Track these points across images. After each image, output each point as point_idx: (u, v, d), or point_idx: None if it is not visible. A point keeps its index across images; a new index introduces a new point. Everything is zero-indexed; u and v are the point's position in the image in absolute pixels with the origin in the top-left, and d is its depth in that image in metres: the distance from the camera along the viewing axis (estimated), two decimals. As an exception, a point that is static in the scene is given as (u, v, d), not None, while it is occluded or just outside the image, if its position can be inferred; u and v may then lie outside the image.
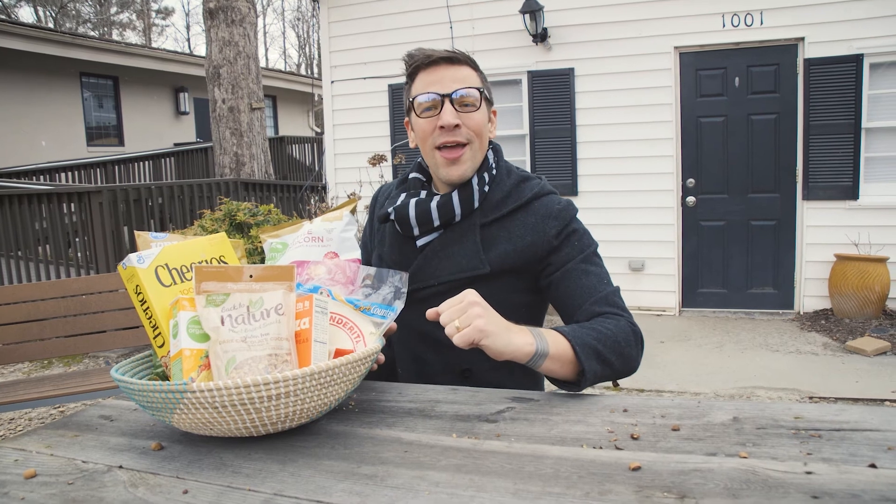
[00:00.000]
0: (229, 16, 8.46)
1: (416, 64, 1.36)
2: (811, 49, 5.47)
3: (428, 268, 1.39)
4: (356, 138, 6.96)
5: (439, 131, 1.32)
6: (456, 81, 1.33)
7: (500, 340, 1.10)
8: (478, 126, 1.35)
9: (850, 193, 5.50)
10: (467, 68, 1.37)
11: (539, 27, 6.02)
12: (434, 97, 1.32)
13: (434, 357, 1.41)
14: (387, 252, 1.47)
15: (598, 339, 1.20)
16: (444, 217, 1.37)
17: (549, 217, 1.36)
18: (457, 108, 1.32)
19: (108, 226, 6.11)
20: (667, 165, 5.95)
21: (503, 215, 1.38)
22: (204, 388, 0.89)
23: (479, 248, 1.35)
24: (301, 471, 0.88)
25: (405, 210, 1.38)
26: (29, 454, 1.00)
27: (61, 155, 11.88)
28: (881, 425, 0.92)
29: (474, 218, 1.38)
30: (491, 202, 1.39)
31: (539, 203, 1.39)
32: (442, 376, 1.40)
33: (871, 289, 5.21)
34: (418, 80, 1.37)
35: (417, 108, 1.35)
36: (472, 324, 1.08)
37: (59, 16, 24.58)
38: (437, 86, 1.33)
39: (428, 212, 1.36)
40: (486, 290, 1.27)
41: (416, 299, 1.35)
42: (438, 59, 1.34)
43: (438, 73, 1.34)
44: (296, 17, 33.46)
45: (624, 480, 0.79)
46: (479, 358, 1.34)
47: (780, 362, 4.47)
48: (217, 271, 1.02)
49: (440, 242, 1.39)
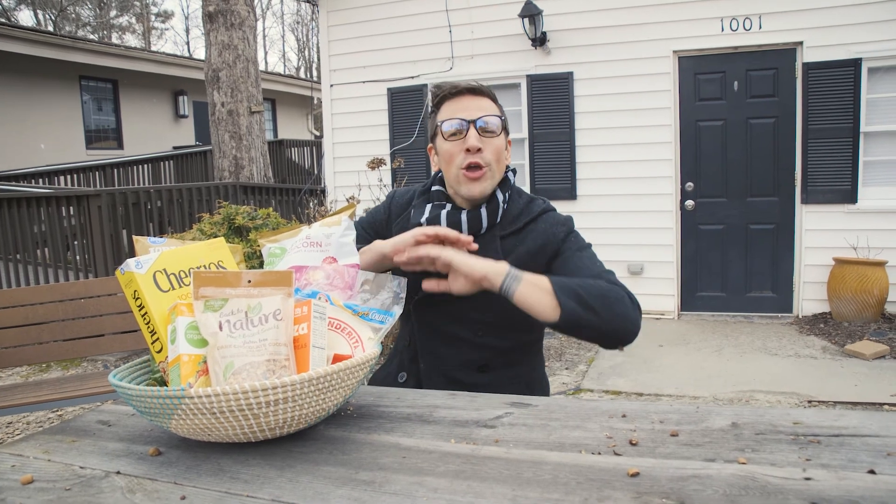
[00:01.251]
0: (228, 19, 8.48)
1: (444, 94, 1.52)
2: (810, 53, 5.48)
3: None
4: (355, 142, 6.96)
5: (465, 154, 1.46)
6: (480, 110, 1.48)
7: (472, 259, 1.32)
8: (497, 151, 1.50)
9: (849, 197, 5.50)
10: (488, 100, 1.52)
11: (538, 31, 6.03)
12: (461, 123, 1.47)
13: (454, 353, 1.53)
14: None
15: (580, 284, 1.34)
16: (472, 229, 1.50)
17: (556, 224, 1.53)
18: (480, 133, 1.47)
19: (107, 229, 6.10)
20: (666, 169, 5.96)
21: (518, 229, 1.53)
22: (202, 394, 0.89)
23: (501, 255, 1.47)
24: (299, 476, 0.88)
25: (437, 220, 1.52)
26: (26, 460, 1.00)
27: (60, 158, 11.88)
28: (880, 431, 0.92)
29: (495, 231, 1.53)
30: (508, 218, 1.54)
31: (546, 216, 1.55)
32: (461, 371, 1.53)
33: (869, 292, 5.21)
34: (444, 108, 1.52)
35: (445, 132, 1.49)
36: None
37: (58, 19, 24.60)
38: (463, 113, 1.48)
39: (459, 223, 1.50)
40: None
41: (438, 301, 1.47)
42: (464, 89, 1.50)
43: (463, 102, 1.49)
44: (295, 20, 33.50)
45: (622, 486, 0.79)
46: (496, 354, 1.53)
47: (779, 366, 4.47)
48: (215, 277, 1.02)
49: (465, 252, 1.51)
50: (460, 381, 1.51)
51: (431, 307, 1.51)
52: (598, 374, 4.44)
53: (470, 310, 1.49)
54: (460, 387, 1.47)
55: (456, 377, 1.52)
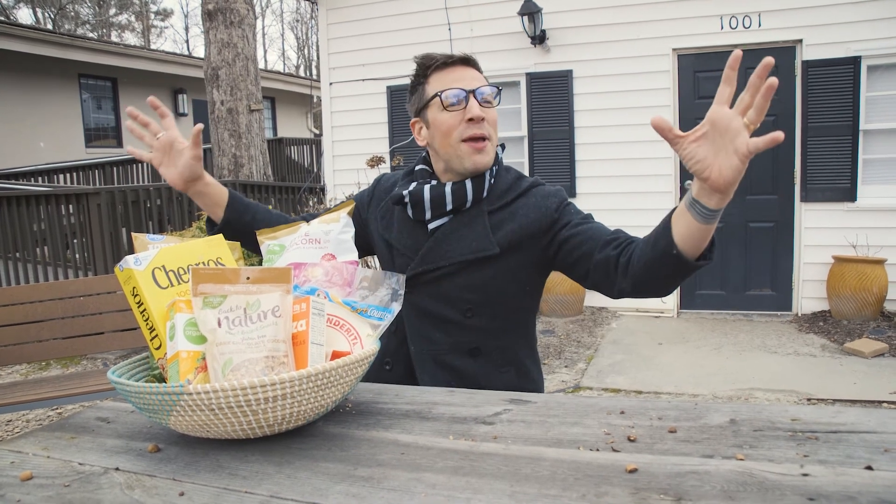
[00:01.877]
0: (228, 17, 8.47)
1: (436, 64, 1.46)
2: (809, 51, 5.48)
3: (438, 250, 1.47)
4: (355, 140, 6.96)
5: (466, 124, 1.42)
6: (476, 80, 1.45)
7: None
8: (495, 121, 1.47)
9: (849, 195, 5.51)
10: (477, 71, 1.48)
11: (538, 29, 6.03)
12: (461, 92, 1.42)
13: (443, 336, 1.49)
14: (395, 237, 1.54)
15: None
16: (457, 202, 1.46)
17: (547, 196, 1.48)
18: (480, 102, 1.43)
19: (107, 227, 6.10)
20: (665, 167, 5.96)
21: (507, 203, 1.48)
22: (201, 391, 0.89)
23: (489, 230, 1.45)
24: (298, 473, 0.88)
25: (420, 193, 1.47)
26: (25, 456, 1.00)
27: (60, 156, 11.87)
28: (878, 427, 0.92)
29: (482, 206, 1.48)
30: (495, 192, 1.49)
31: (536, 189, 1.51)
32: (451, 355, 1.48)
33: (868, 290, 5.21)
34: (436, 78, 1.46)
35: (445, 101, 1.43)
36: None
37: (57, 17, 24.58)
38: (461, 83, 1.43)
39: (442, 195, 1.46)
40: (495, 270, 1.44)
41: (425, 281, 1.47)
42: (457, 59, 1.46)
43: (458, 72, 1.45)
44: (294, 18, 33.50)
45: (620, 483, 0.79)
46: (487, 337, 1.49)
47: (779, 364, 4.48)
48: (214, 273, 1.02)
49: (451, 226, 1.48)
50: (450, 365, 1.47)
51: (419, 287, 1.47)
52: (597, 372, 4.44)
53: (457, 289, 1.46)
54: (451, 372, 1.47)
55: (446, 361, 1.48)
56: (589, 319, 5.88)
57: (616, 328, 5.57)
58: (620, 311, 6.14)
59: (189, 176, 1.44)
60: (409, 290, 1.47)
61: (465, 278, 1.45)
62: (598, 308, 6.25)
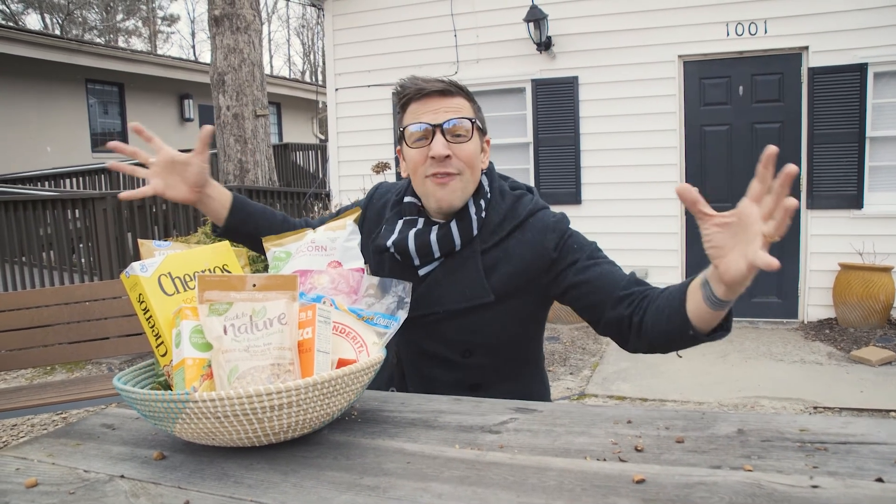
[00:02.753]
0: (234, 23, 8.50)
1: (409, 96, 1.35)
2: (815, 58, 5.47)
3: (431, 296, 1.38)
4: (360, 146, 6.97)
5: (430, 161, 1.31)
6: (448, 111, 1.32)
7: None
8: (469, 157, 1.33)
9: (855, 202, 5.49)
10: (460, 98, 1.36)
11: (543, 36, 6.04)
12: (425, 127, 1.31)
13: (444, 373, 1.42)
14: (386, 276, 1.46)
15: None
16: (445, 249, 1.36)
17: (546, 230, 1.36)
18: (448, 138, 1.31)
19: (113, 232, 6.12)
20: (671, 174, 5.95)
21: (502, 238, 1.38)
22: (206, 398, 0.89)
23: (482, 275, 1.35)
24: (303, 482, 0.87)
25: (404, 242, 1.37)
26: (30, 463, 0.99)
27: (66, 161, 11.93)
28: (888, 438, 0.91)
29: (475, 245, 1.37)
30: (489, 227, 1.38)
31: (535, 219, 1.39)
32: (451, 390, 1.39)
33: (875, 298, 5.19)
34: (409, 110, 1.36)
35: (408, 138, 1.34)
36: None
37: (65, 23, 24.73)
38: (428, 116, 1.32)
39: (428, 244, 1.36)
40: (493, 313, 1.35)
41: (420, 325, 1.38)
42: (431, 91, 1.33)
43: (431, 103, 1.33)
44: (300, 24, 33.60)
45: (628, 493, 0.78)
46: (487, 372, 1.42)
47: (785, 372, 4.45)
48: (220, 280, 1.02)
49: (442, 271, 1.39)
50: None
51: (415, 327, 1.36)
52: (602, 380, 4.43)
53: (454, 332, 1.38)
54: None
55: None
56: (594, 326, 5.87)
57: (621, 335, 5.55)
58: (625, 318, 6.12)
59: (199, 182, 1.39)
60: (404, 331, 1.31)
61: (461, 322, 1.37)
62: (603, 315, 6.23)
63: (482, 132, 1.40)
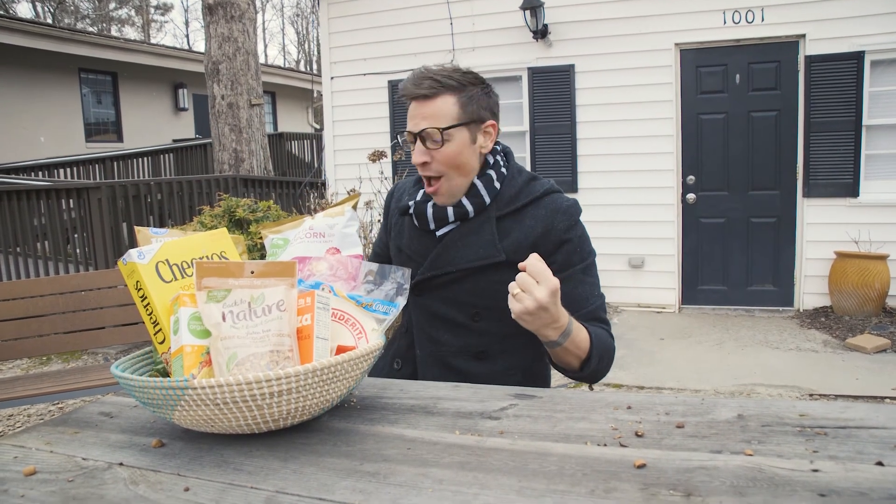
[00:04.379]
0: (228, 11, 8.44)
1: (404, 98, 1.45)
2: (812, 46, 5.46)
3: (446, 255, 1.47)
4: (356, 134, 6.95)
5: (418, 165, 1.43)
6: (425, 118, 1.39)
7: (535, 325, 1.21)
8: (448, 159, 1.40)
9: (851, 191, 5.49)
10: (442, 98, 1.39)
11: (539, 23, 6.01)
12: (408, 135, 1.43)
13: (451, 338, 1.49)
14: (406, 243, 1.55)
15: (600, 344, 1.35)
16: (459, 216, 1.46)
17: (558, 212, 1.44)
18: (427, 144, 1.40)
19: (107, 222, 6.09)
20: (667, 162, 5.94)
21: (516, 209, 1.46)
22: (205, 385, 0.89)
23: (496, 237, 1.43)
24: (303, 468, 0.87)
25: (423, 206, 1.49)
26: (28, 451, 0.99)
27: (60, 151, 11.87)
28: (887, 423, 0.91)
29: (490, 211, 1.46)
30: (504, 198, 1.47)
31: (549, 199, 1.47)
32: (458, 357, 1.49)
33: (871, 286, 5.20)
34: (408, 111, 1.45)
35: (402, 144, 1.48)
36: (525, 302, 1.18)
37: (57, 11, 24.53)
38: (410, 122, 1.42)
39: (444, 209, 1.46)
40: (502, 276, 1.40)
41: (434, 285, 1.48)
42: (417, 95, 1.40)
43: (413, 109, 1.41)
44: (295, 13, 33.43)
45: (629, 478, 0.78)
46: (494, 341, 1.49)
47: (781, 359, 4.47)
48: (218, 267, 1.01)
49: (458, 233, 1.47)
50: (456, 368, 1.48)
51: (428, 291, 1.49)
52: (598, 368, 4.43)
53: (465, 294, 1.46)
54: (456, 375, 1.46)
55: (452, 364, 1.48)
56: (590, 315, 5.87)
57: (618, 323, 5.56)
58: (622, 307, 6.14)
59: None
60: (419, 293, 1.49)
61: (472, 283, 1.45)
62: (600, 303, 6.24)
63: (472, 122, 1.42)
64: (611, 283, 6.18)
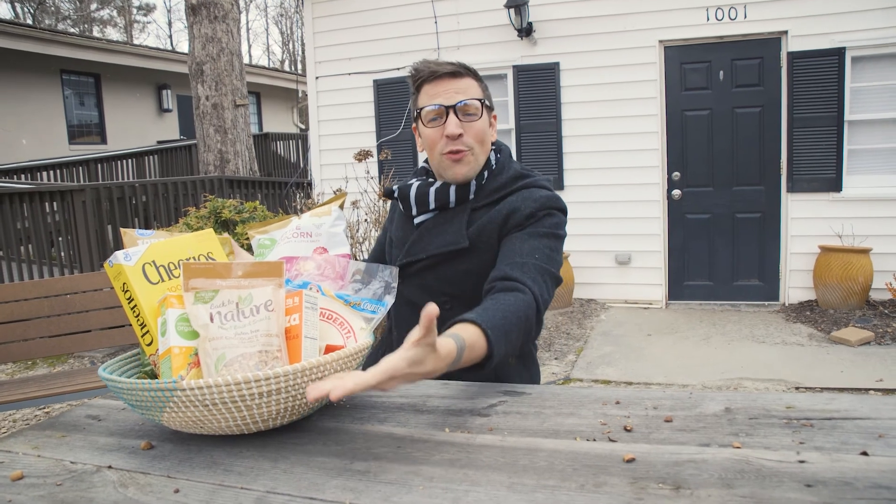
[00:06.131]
0: (212, 12, 8.39)
1: (423, 78, 1.47)
2: (794, 42, 5.50)
3: (420, 243, 1.50)
4: (341, 134, 6.93)
5: (445, 140, 1.44)
6: (459, 93, 1.44)
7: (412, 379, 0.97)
8: (479, 133, 1.45)
9: (834, 185, 5.55)
10: (469, 79, 1.47)
11: (524, 21, 6.02)
12: (440, 107, 1.43)
13: None
14: (393, 230, 1.61)
15: (506, 321, 1.16)
16: (439, 201, 1.49)
17: (529, 199, 1.43)
18: (460, 117, 1.43)
19: (92, 224, 6.04)
20: (652, 159, 5.97)
21: (493, 201, 1.48)
22: (194, 386, 0.88)
23: (464, 225, 1.46)
24: (293, 468, 0.87)
25: (407, 190, 1.53)
26: (15, 456, 0.98)
27: (42, 153, 11.74)
28: (871, 413, 0.92)
29: (468, 203, 1.49)
30: (486, 191, 1.49)
31: (528, 190, 1.46)
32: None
33: (854, 280, 5.26)
34: (423, 92, 1.47)
35: (424, 118, 1.46)
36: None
37: (37, 12, 24.26)
38: (441, 97, 1.43)
39: (426, 195, 1.49)
40: (469, 264, 1.44)
41: (408, 273, 1.50)
42: (442, 74, 1.44)
43: (443, 85, 1.44)
44: (279, 13, 33.22)
45: (618, 472, 0.79)
46: None
47: (767, 353, 4.51)
48: (205, 268, 1.01)
49: (433, 221, 1.51)
50: None
51: (406, 279, 1.50)
52: (587, 364, 4.46)
53: (437, 282, 1.48)
54: None
55: None
56: (578, 311, 5.90)
57: (605, 320, 5.59)
58: (609, 303, 6.16)
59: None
60: (400, 280, 1.44)
61: (442, 271, 1.47)
62: (587, 300, 6.26)
63: (490, 109, 1.51)
64: (598, 279, 6.21)
